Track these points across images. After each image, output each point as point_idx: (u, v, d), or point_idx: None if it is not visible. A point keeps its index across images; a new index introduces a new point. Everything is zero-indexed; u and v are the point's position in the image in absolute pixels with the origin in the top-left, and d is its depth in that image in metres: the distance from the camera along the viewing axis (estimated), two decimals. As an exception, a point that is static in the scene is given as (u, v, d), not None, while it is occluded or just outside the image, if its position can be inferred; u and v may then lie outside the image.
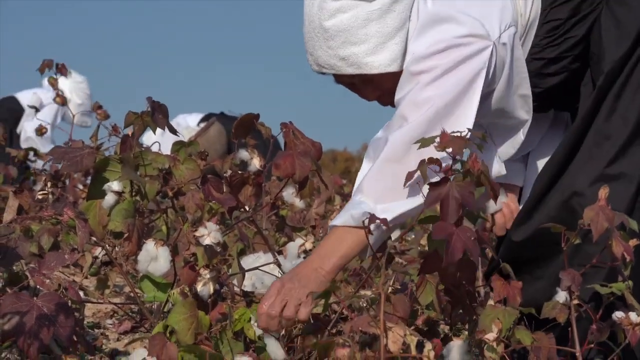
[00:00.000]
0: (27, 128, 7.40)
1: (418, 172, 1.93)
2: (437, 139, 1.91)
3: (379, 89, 2.28)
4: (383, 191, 2.12)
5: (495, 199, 1.99)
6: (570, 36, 2.35)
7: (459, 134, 1.91)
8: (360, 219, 2.01)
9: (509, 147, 2.43)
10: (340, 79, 2.28)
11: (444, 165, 1.89)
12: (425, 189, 1.92)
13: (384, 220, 1.93)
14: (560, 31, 2.34)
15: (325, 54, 2.23)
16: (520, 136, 2.40)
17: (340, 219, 2.11)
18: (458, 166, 1.92)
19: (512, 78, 2.28)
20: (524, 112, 2.34)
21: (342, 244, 2.10)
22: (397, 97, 2.21)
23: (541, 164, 2.47)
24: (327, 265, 2.08)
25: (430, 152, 1.95)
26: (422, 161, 1.90)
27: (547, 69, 2.37)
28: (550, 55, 2.36)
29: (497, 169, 2.38)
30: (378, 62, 2.21)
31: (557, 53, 2.36)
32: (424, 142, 1.95)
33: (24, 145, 7.10)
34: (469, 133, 1.98)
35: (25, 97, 7.50)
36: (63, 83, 6.39)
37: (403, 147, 2.11)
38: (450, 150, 1.89)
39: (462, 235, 1.84)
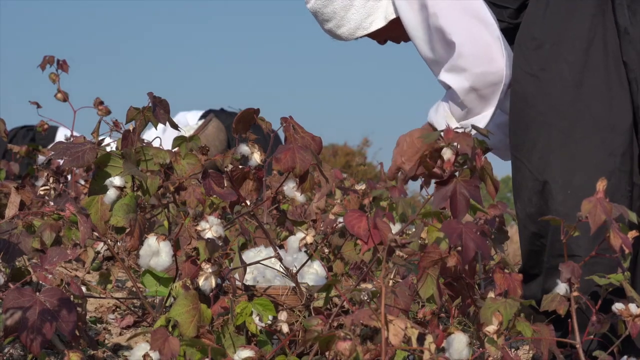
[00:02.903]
0: None
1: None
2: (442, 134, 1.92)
3: (379, 39, 2.67)
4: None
5: (494, 194, 2.01)
6: None
7: (462, 130, 1.92)
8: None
9: None
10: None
11: (446, 161, 1.90)
12: None
13: None
14: None
15: (320, 28, 2.65)
16: None
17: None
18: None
19: None
20: None
21: None
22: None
23: None
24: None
25: None
26: (424, 156, 1.91)
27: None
28: None
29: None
30: (347, 33, 2.62)
31: None
32: (427, 137, 1.96)
33: None
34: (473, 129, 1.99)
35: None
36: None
37: None
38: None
39: (470, 234, 1.85)
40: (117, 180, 2.16)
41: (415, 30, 2.50)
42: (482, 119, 2.46)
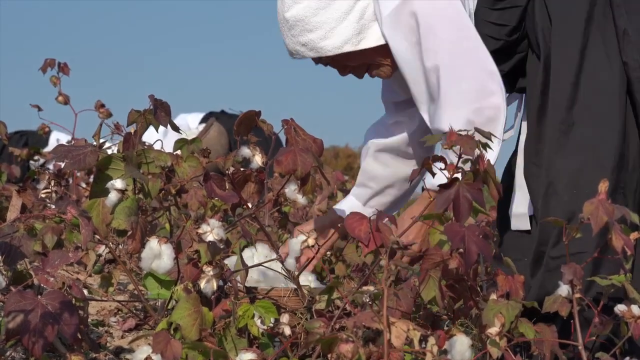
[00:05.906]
0: None
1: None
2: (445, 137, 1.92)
3: (347, 66, 2.51)
4: None
5: (497, 197, 2.00)
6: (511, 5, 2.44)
7: (466, 133, 1.92)
8: None
9: None
10: (316, 60, 2.51)
11: (449, 163, 1.90)
12: None
13: None
14: None
15: (291, 41, 2.48)
16: None
17: None
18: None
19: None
20: None
21: None
22: None
23: None
24: None
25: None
26: (427, 158, 1.92)
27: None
28: (490, 19, 2.45)
29: None
30: (331, 46, 2.44)
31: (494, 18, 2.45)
32: (430, 139, 1.96)
33: None
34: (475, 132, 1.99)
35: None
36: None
37: None
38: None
39: (473, 237, 1.85)
40: (118, 183, 2.16)
41: (406, 63, 2.42)
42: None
